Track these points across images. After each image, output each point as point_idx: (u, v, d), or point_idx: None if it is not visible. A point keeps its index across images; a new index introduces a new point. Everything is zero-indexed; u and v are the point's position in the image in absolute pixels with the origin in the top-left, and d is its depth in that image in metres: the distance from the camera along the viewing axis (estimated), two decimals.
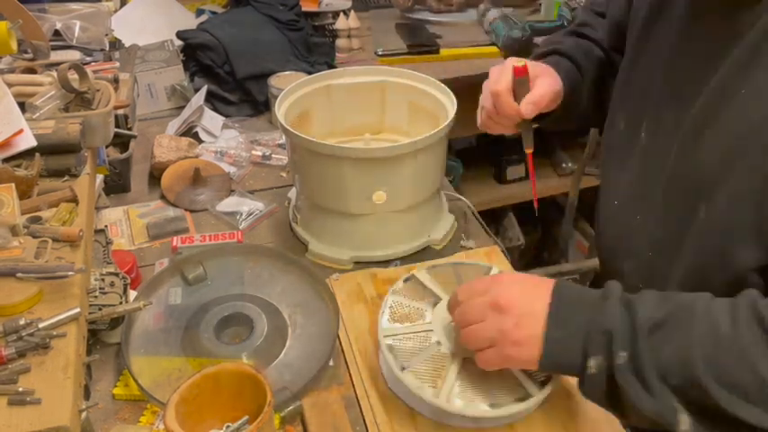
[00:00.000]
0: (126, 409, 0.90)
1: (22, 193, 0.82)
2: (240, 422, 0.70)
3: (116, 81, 1.09)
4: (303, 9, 1.87)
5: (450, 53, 1.94)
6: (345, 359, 0.96)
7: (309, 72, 1.52)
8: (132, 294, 1.00)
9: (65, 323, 0.70)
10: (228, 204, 1.28)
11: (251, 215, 1.25)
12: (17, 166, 0.84)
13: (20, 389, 0.64)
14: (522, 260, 2.42)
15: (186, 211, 1.27)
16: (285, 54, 1.65)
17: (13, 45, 1.04)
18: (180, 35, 1.67)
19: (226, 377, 0.76)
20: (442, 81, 1.19)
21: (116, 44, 1.60)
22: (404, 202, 1.12)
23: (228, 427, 0.70)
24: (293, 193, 1.26)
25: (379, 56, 1.92)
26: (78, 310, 0.71)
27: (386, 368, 0.92)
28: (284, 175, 1.39)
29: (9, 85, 0.97)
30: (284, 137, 1.28)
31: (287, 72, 1.55)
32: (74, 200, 0.83)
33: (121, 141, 1.35)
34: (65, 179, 0.88)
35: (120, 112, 1.32)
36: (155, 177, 1.35)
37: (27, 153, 0.85)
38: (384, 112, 1.28)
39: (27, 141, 0.85)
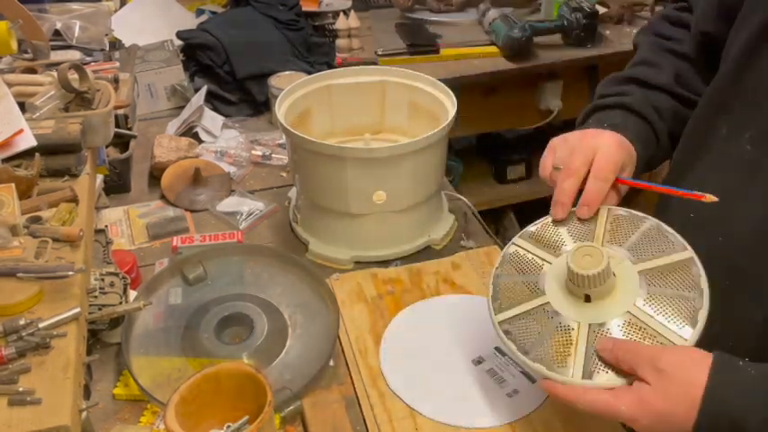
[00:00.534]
0: (126, 409, 0.90)
1: (22, 193, 0.82)
2: (240, 422, 0.70)
3: (116, 81, 1.09)
4: (303, 9, 1.87)
5: (450, 53, 1.94)
6: (345, 359, 0.96)
7: (309, 72, 1.52)
8: (132, 294, 1.00)
9: (65, 323, 0.70)
10: (228, 204, 1.28)
11: (251, 215, 1.25)
12: (17, 166, 0.84)
13: (20, 389, 0.64)
14: None
15: (186, 211, 1.27)
16: (285, 54, 1.65)
17: (13, 45, 1.04)
18: (180, 35, 1.67)
19: (226, 377, 0.76)
20: (442, 81, 1.19)
21: (116, 44, 1.60)
22: (404, 202, 1.12)
23: (229, 427, 0.70)
24: (293, 192, 1.26)
25: (379, 56, 1.92)
26: (78, 309, 0.71)
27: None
28: (284, 174, 1.39)
29: (9, 84, 0.97)
30: (284, 137, 1.28)
31: (287, 72, 1.55)
32: (74, 200, 0.83)
33: (121, 141, 1.35)
34: (65, 179, 0.88)
35: (121, 112, 1.32)
36: (155, 177, 1.35)
37: (27, 153, 0.85)
38: (384, 112, 1.28)
39: (27, 141, 0.85)
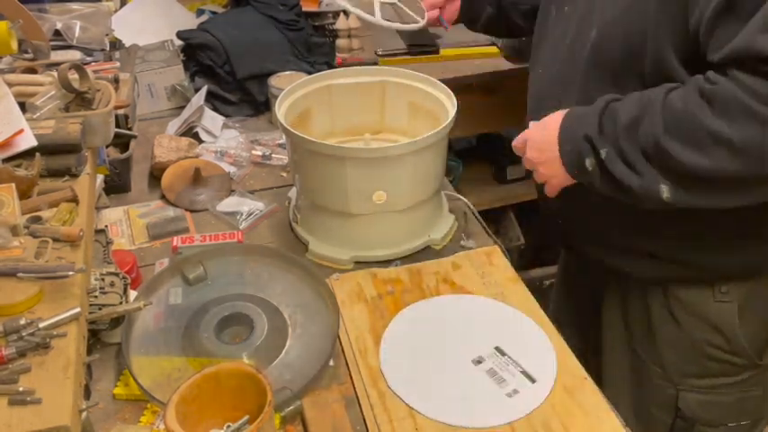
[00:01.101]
0: (126, 408, 0.90)
1: (23, 193, 0.82)
2: (240, 422, 0.70)
3: (116, 81, 1.09)
4: (303, 9, 1.87)
5: (450, 53, 1.94)
6: (345, 359, 0.96)
7: (309, 72, 1.52)
8: (132, 294, 1.00)
9: (65, 323, 0.70)
10: (228, 204, 1.28)
11: (251, 215, 1.25)
12: (17, 166, 0.84)
13: (20, 388, 0.64)
14: (522, 260, 2.42)
15: (186, 211, 1.27)
16: (285, 54, 1.65)
17: (14, 45, 1.04)
18: (180, 35, 1.67)
19: (226, 377, 0.76)
20: (442, 81, 1.19)
21: (116, 44, 1.60)
22: (404, 202, 1.12)
23: (229, 426, 0.70)
24: (293, 192, 1.26)
25: (379, 56, 1.92)
26: (78, 309, 0.71)
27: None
28: (284, 174, 1.39)
29: (9, 84, 0.97)
30: (284, 137, 1.28)
31: (287, 72, 1.55)
32: (74, 200, 0.84)
33: (122, 141, 1.35)
34: (65, 179, 0.88)
35: (121, 112, 1.32)
36: (155, 177, 1.35)
37: (27, 153, 0.85)
38: (384, 112, 1.28)
39: (27, 141, 0.85)
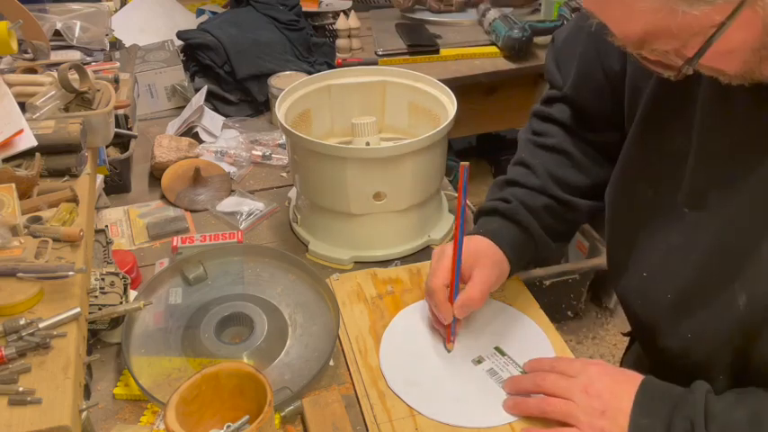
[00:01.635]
0: (126, 409, 0.90)
1: (23, 193, 0.82)
2: (240, 422, 0.70)
3: (116, 81, 1.09)
4: (303, 9, 1.88)
5: (450, 53, 1.94)
6: (345, 359, 0.96)
7: (309, 72, 1.52)
8: (132, 294, 1.00)
9: (65, 323, 0.70)
10: (228, 204, 1.28)
11: (251, 215, 1.25)
12: (17, 166, 0.84)
13: (20, 389, 0.64)
14: None
15: (186, 211, 1.27)
16: (285, 54, 1.65)
17: (14, 45, 1.03)
18: (180, 35, 1.67)
19: (226, 377, 0.76)
20: (442, 81, 1.19)
21: (116, 44, 1.60)
22: (404, 202, 1.12)
23: (229, 426, 0.70)
24: (293, 192, 1.26)
25: (379, 56, 1.92)
26: (79, 309, 0.71)
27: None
28: (284, 175, 1.39)
29: (9, 85, 0.97)
30: (284, 137, 1.28)
31: (287, 72, 1.55)
32: (74, 200, 0.84)
33: (122, 141, 1.35)
34: (65, 179, 0.88)
35: (121, 112, 1.32)
36: (155, 177, 1.35)
37: (27, 153, 0.85)
38: (384, 112, 1.28)
39: (27, 141, 0.85)
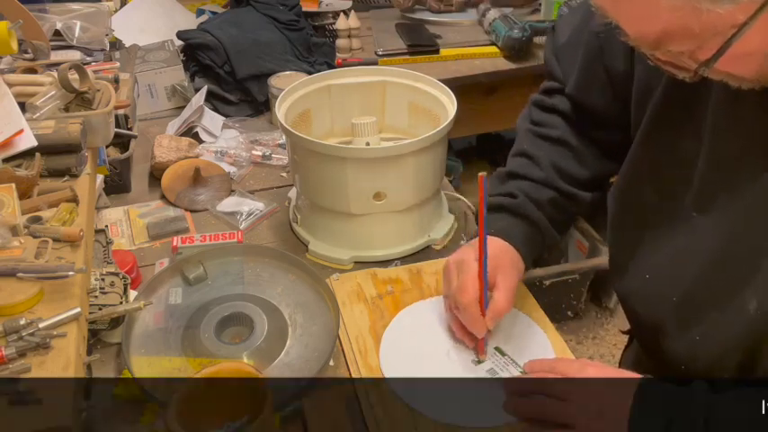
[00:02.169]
0: (126, 409, 0.90)
1: (23, 193, 0.82)
2: (240, 422, 0.70)
3: (116, 81, 1.09)
4: (303, 9, 1.87)
5: (450, 53, 1.94)
6: (345, 359, 0.96)
7: (309, 72, 1.52)
8: (133, 294, 1.00)
9: (65, 323, 0.70)
10: (228, 204, 1.28)
11: (251, 215, 1.25)
12: (17, 166, 0.84)
13: (20, 389, 0.64)
14: None
15: (186, 211, 1.27)
16: (285, 54, 1.65)
17: (14, 45, 1.03)
18: (180, 35, 1.67)
19: (226, 377, 0.76)
20: (442, 81, 1.19)
21: (116, 44, 1.60)
22: (404, 202, 1.12)
23: (229, 426, 0.70)
24: (293, 192, 1.26)
25: (379, 56, 1.92)
26: (79, 310, 0.71)
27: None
28: (284, 175, 1.39)
29: (9, 85, 0.97)
30: (284, 137, 1.28)
31: (287, 72, 1.55)
32: (74, 200, 0.84)
33: (122, 141, 1.35)
34: (65, 179, 0.88)
35: (121, 112, 1.32)
36: (155, 177, 1.35)
37: (27, 153, 0.85)
38: (384, 112, 1.28)
39: (27, 141, 0.85)
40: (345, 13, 1.94)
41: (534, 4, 2.16)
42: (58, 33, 1.43)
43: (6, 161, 0.84)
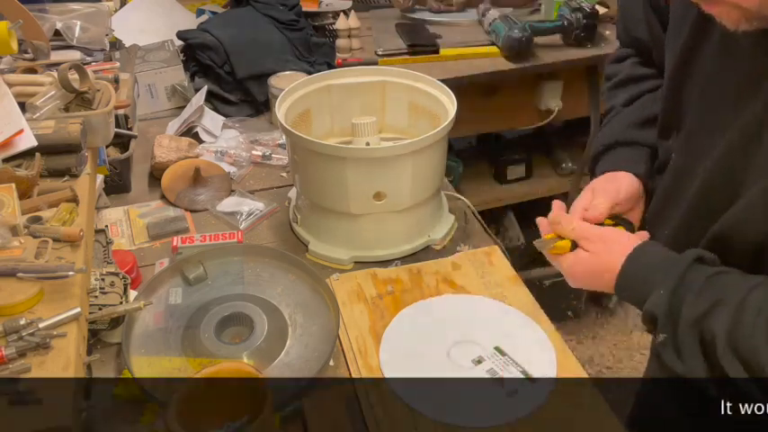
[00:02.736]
0: (126, 409, 0.90)
1: (23, 193, 0.82)
2: (240, 422, 0.70)
3: (116, 81, 1.09)
4: (303, 9, 1.87)
5: (451, 53, 1.94)
6: (345, 359, 0.96)
7: (309, 72, 1.52)
8: (132, 294, 1.00)
9: (65, 323, 0.71)
10: (228, 204, 1.28)
11: (251, 215, 1.25)
12: (18, 166, 0.84)
13: (20, 389, 0.64)
14: (522, 260, 2.42)
15: (186, 211, 1.27)
16: (285, 54, 1.65)
17: (14, 45, 1.04)
18: (180, 35, 1.67)
19: (226, 377, 0.76)
20: (442, 81, 1.19)
21: (116, 44, 1.60)
22: (404, 202, 1.12)
23: (229, 426, 0.70)
24: (293, 193, 1.26)
25: (379, 56, 1.92)
26: (79, 309, 0.72)
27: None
28: (284, 175, 1.39)
29: (9, 85, 0.97)
30: (284, 137, 1.28)
31: (287, 72, 1.55)
32: (74, 200, 0.84)
33: (122, 141, 1.35)
34: (65, 179, 0.88)
35: (121, 112, 1.32)
36: (155, 177, 1.35)
37: (27, 153, 0.85)
38: (384, 112, 1.28)
39: (27, 141, 0.85)
40: (345, 13, 1.94)
41: (534, 4, 2.15)
42: (57, 33, 1.43)
43: (6, 161, 0.84)
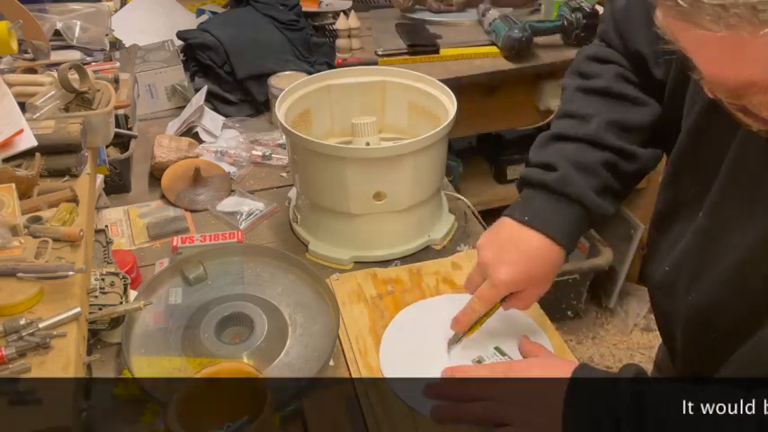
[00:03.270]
0: (126, 409, 0.90)
1: (23, 193, 0.82)
2: (240, 422, 0.70)
3: (116, 81, 1.09)
4: (303, 9, 1.87)
5: (450, 53, 1.94)
6: (345, 359, 0.96)
7: (309, 72, 1.52)
8: (133, 294, 1.00)
9: (65, 323, 0.71)
10: (228, 204, 1.28)
11: (251, 215, 1.25)
12: (17, 166, 0.84)
13: (20, 389, 0.64)
14: None
15: (186, 211, 1.27)
16: (285, 54, 1.65)
17: (14, 45, 1.03)
18: (180, 35, 1.67)
19: (226, 377, 0.76)
20: (442, 81, 1.19)
21: (116, 44, 1.60)
22: (404, 202, 1.12)
23: (229, 426, 0.70)
24: (293, 193, 1.26)
25: (379, 56, 1.92)
26: (79, 309, 0.72)
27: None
28: (284, 175, 1.39)
29: (9, 85, 0.97)
30: (284, 137, 1.28)
31: (287, 72, 1.55)
32: (74, 200, 0.84)
33: (122, 141, 1.35)
34: (65, 179, 0.88)
35: (121, 112, 1.32)
36: (155, 177, 1.35)
37: (27, 153, 0.85)
38: (384, 112, 1.28)
39: (27, 141, 0.85)
40: (345, 13, 1.94)
41: (534, 4, 2.15)
42: (57, 33, 1.43)
43: (6, 161, 0.84)
